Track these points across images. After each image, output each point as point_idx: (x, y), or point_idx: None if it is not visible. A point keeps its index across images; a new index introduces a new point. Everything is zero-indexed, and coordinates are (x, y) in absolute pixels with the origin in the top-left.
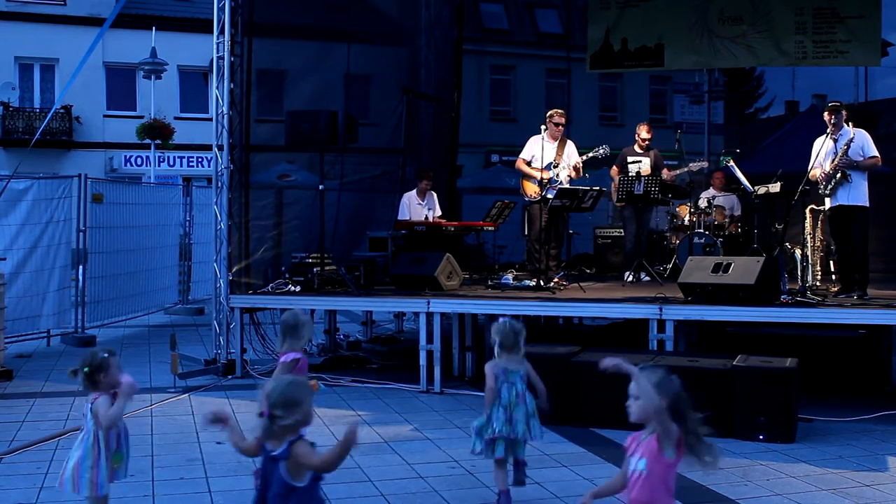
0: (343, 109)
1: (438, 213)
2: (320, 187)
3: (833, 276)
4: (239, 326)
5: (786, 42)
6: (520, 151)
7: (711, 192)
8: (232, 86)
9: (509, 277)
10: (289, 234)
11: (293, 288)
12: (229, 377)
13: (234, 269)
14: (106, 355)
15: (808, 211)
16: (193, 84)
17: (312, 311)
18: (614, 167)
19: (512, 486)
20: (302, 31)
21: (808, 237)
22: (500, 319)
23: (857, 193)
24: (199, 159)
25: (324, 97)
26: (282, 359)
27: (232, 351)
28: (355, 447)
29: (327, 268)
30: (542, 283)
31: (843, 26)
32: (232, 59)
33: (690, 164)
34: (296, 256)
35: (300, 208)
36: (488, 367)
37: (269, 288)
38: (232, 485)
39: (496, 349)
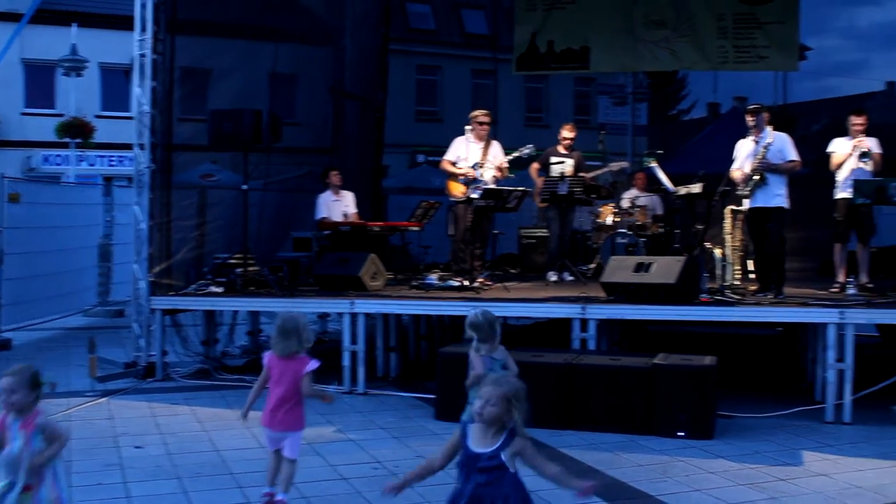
0: (268, 109)
1: (353, 210)
2: (244, 187)
3: (751, 276)
4: (160, 328)
5: (708, 46)
6: (446, 152)
7: (634, 192)
8: (154, 84)
9: (434, 278)
10: (212, 235)
11: (216, 289)
12: (149, 380)
13: (155, 271)
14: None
15: (728, 211)
16: (115, 82)
17: (235, 312)
18: (534, 165)
19: None
20: (227, 29)
21: (728, 237)
22: (473, 311)
23: (775, 195)
24: (121, 158)
25: (248, 96)
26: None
27: (152, 354)
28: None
29: (250, 268)
30: (466, 283)
31: (762, 32)
32: (154, 56)
33: (611, 165)
34: (219, 257)
35: (223, 208)
36: (474, 356)
37: (191, 289)
38: (151, 489)
39: (474, 342)
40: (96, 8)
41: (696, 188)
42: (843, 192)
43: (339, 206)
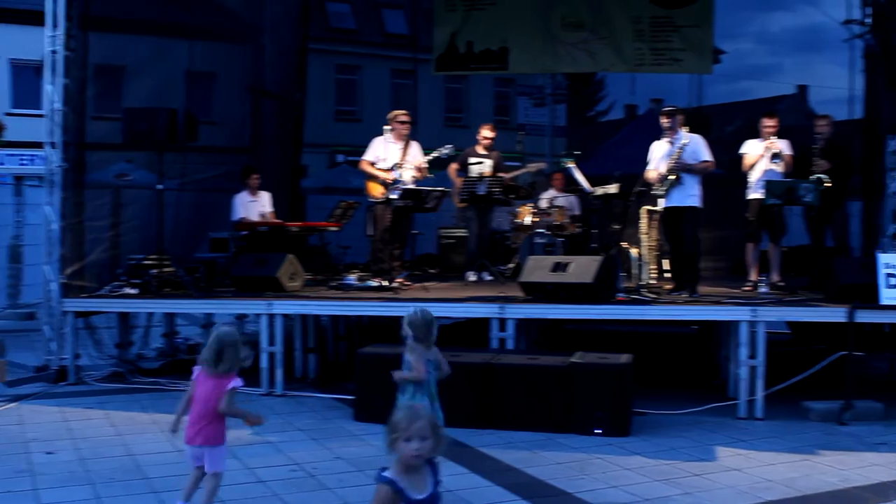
0: (184, 107)
1: (270, 210)
2: (159, 187)
3: (667, 275)
4: (72, 331)
5: (625, 49)
6: (365, 151)
7: (552, 192)
8: (66, 81)
9: (353, 278)
10: (126, 236)
11: (130, 291)
12: (61, 384)
13: (67, 272)
14: None
15: (643, 211)
16: (27, 79)
17: (150, 314)
18: (451, 166)
19: None
20: (141, 25)
21: (644, 237)
22: (413, 309)
23: (689, 195)
24: (32, 157)
25: (164, 94)
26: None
27: (64, 357)
28: None
29: (166, 269)
30: (385, 283)
31: (678, 35)
32: (66, 53)
33: (528, 166)
34: (133, 258)
35: (138, 208)
36: (416, 357)
37: (105, 291)
38: (63, 496)
39: (410, 340)
40: (6, 2)
41: (613, 189)
42: (755, 193)
43: (256, 206)
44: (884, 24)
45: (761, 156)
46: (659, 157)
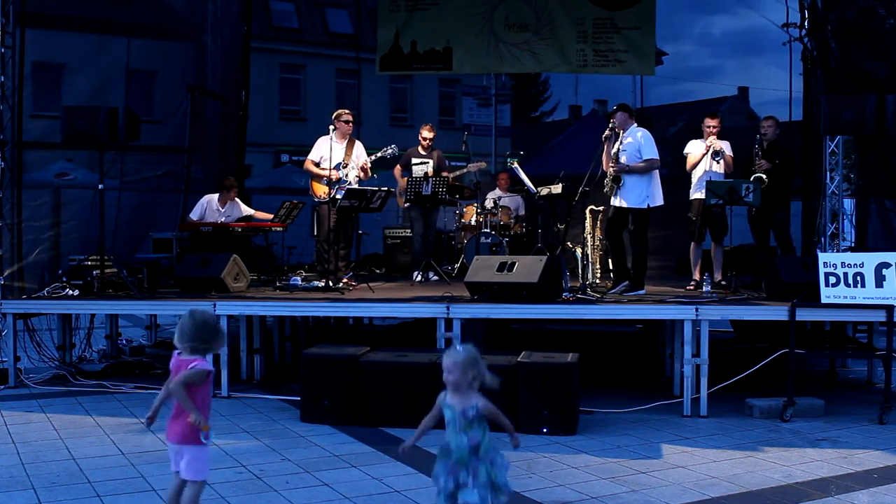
0: (124, 105)
1: (251, 212)
2: (100, 186)
3: (612, 274)
4: (11, 333)
5: (568, 50)
6: (310, 151)
7: (497, 192)
8: (2, 79)
9: (298, 279)
10: (67, 236)
11: (71, 292)
12: (1, 387)
13: (5, 273)
14: None
15: (588, 211)
16: None
17: (93, 315)
18: (397, 167)
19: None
20: (80, 22)
21: (589, 237)
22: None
23: (633, 196)
24: None
25: (105, 92)
26: (197, 364)
27: (4, 360)
28: None
29: (108, 270)
30: (331, 283)
31: (620, 37)
32: (2, 50)
33: (469, 166)
34: (74, 259)
35: (79, 208)
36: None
37: (45, 292)
38: (3, 501)
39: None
40: None
41: (558, 189)
42: (697, 193)
43: (218, 217)
44: (820, 28)
45: (703, 155)
46: (610, 152)
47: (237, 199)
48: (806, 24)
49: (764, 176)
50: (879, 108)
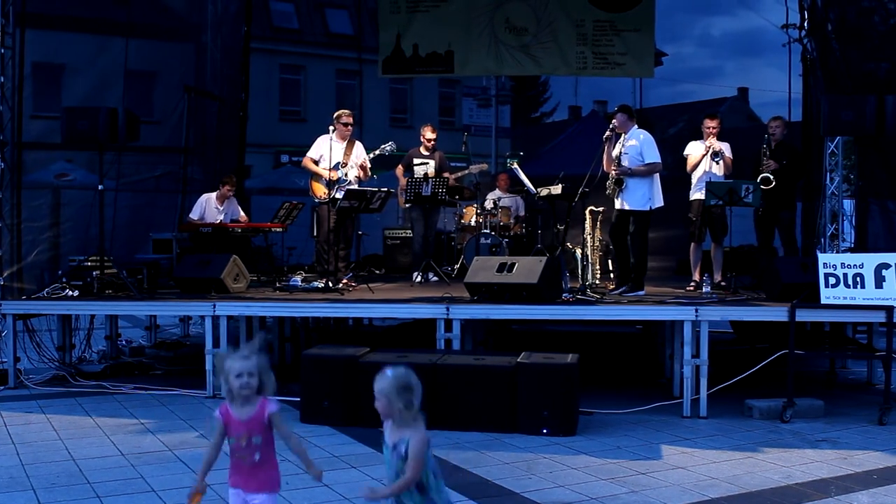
0: (124, 106)
1: (241, 215)
2: (100, 187)
3: (612, 275)
4: (11, 334)
5: (568, 53)
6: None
7: (497, 193)
8: (2, 79)
9: (298, 279)
10: (66, 236)
11: (71, 293)
12: (1, 388)
13: (5, 274)
14: None
15: (587, 212)
16: None
17: (92, 316)
18: (399, 167)
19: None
20: (80, 23)
21: (588, 237)
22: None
23: (635, 198)
24: None
25: (104, 93)
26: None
27: (4, 360)
28: None
29: (107, 271)
30: (330, 284)
31: (620, 39)
32: (2, 51)
33: (471, 167)
34: (74, 259)
35: (78, 209)
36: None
37: (45, 293)
38: (3, 502)
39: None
40: None
41: (557, 189)
42: (697, 194)
43: (217, 215)
44: (820, 29)
45: (703, 156)
46: (608, 157)
47: (234, 199)
48: (806, 24)
49: (771, 176)
50: (879, 109)
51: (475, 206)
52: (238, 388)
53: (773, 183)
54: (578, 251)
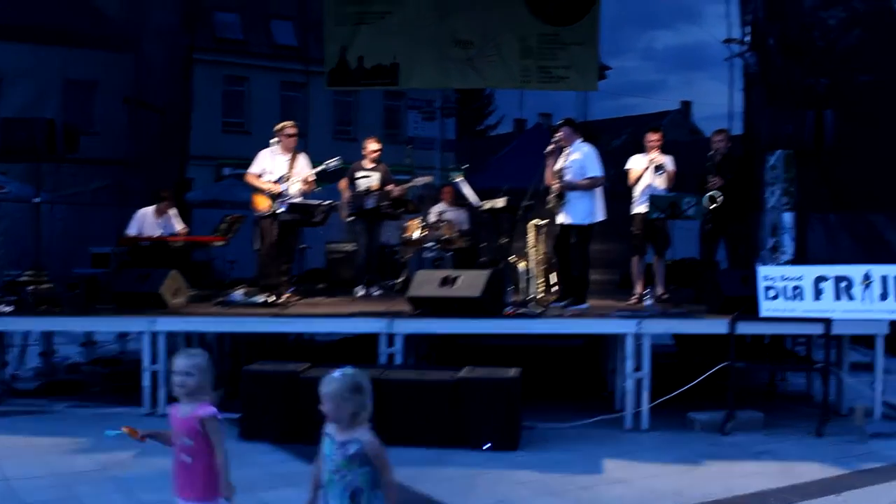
0: (63, 117)
1: (181, 227)
2: (36, 200)
3: (555, 288)
4: None
5: (513, 66)
6: (251, 164)
7: (441, 206)
8: None
9: (239, 294)
10: (0, 251)
11: (5, 308)
12: None
13: None
14: None
15: (531, 226)
16: None
17: (27, 332)
18: (342, 181)
19: None
20: (16, 32)
21: (532, 251)
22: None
23: (577, 212)
24: None
25: (43, 103)
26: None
27: None
28: None
29: (43, 286)
30: (273, 298)
31: (564, 53)
32: None
33: (415, 179)
34: (8, 274)
35: (12, 222)
36: None
37: None
38: None
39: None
40: None
41: (501, 202)
42: (639, 207)
43: (156, 229)
44: (762, 43)
45: (646, 169)
46: (550, 171)
47: (173, 213)
48: (748, 39)
49: (717, 194)
50: (818, 123)
51: (419, 219)
52: (175, 384)
53: (721, 199)
54: (522, 265)
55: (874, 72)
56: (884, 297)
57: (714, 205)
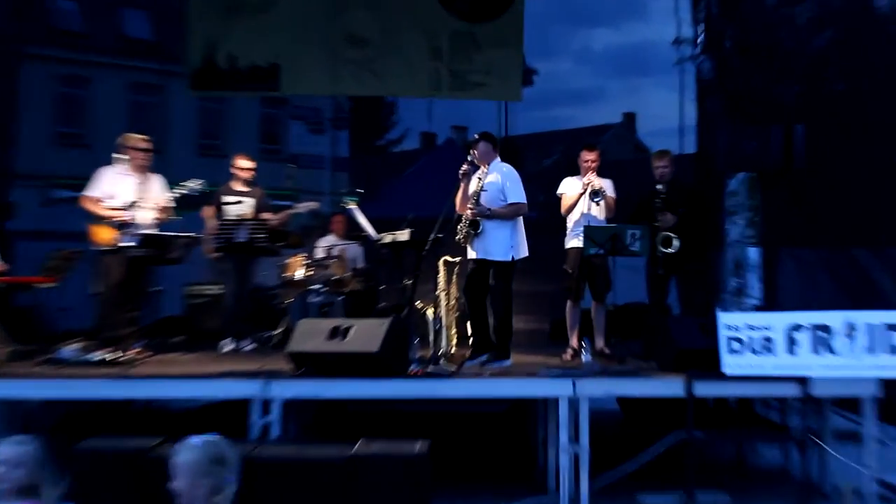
0: None
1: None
2: None
3: (471, 341)
4: None
5: (419, 70)
6: (88, 185)
7: (331, 239)
8: None
9: (72, 349)
10: None
11: None
12: None
13: None
14: None
15: (441, 263)
16: None
17: None
18: (208, 208)
19: None
20: None
21: (442, 294)
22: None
23: (495, 246)
24: None
25: None
26: None
27: None
28: None
29: None
30: (115, 355)
31: (481, 56)
32: None
33: (299, 206)
34: None
35: None
36: None
37: None
38: None
39: None
40: None
41: (404, 235)
42: (573, 241)
43: None
44: (718, 44)
45: (581, 195)
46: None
47: None
48: (701, 39)
49: (673, 235)
50: (787, 140)
51: (303, 255)
52: None
53: (677, 246)
54: (430, 312)
55: (851, 79)
56: (871, 350)
57: (670, 249)
